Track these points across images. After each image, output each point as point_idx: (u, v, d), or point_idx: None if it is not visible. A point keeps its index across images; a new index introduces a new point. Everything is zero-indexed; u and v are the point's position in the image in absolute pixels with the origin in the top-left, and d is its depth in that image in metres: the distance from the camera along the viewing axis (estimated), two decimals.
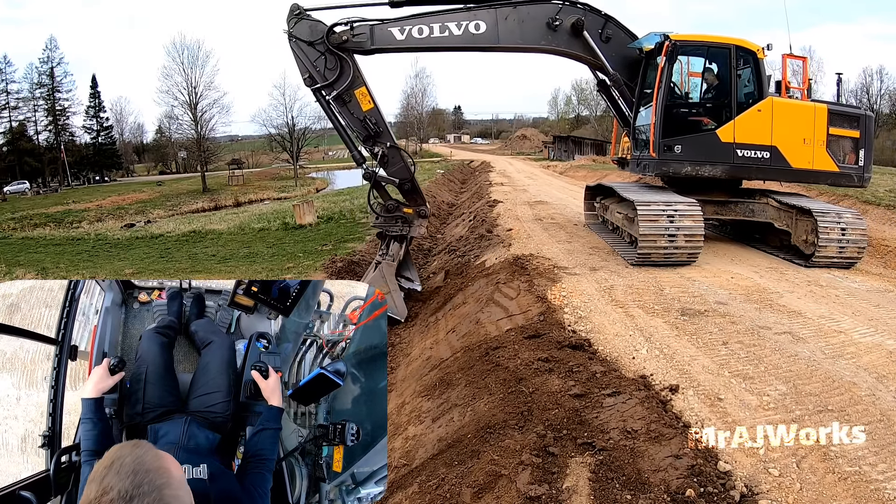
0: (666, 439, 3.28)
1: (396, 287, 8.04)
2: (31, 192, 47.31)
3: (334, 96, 7.85)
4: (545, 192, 18.69)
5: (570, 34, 8.35)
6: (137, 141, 73.86)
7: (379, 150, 7.99)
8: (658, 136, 8.00)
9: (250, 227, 16.82)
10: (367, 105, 7.90)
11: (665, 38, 7.96)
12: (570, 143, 56.82)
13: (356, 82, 7.84)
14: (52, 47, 54.10)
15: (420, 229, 8.45)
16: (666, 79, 7.95)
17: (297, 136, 55.35)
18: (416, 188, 8.35)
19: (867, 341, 4.80)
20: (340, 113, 7.97)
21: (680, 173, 8.20)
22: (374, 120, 7.92)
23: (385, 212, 8.29)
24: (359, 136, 8.09)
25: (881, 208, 12.53)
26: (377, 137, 7.99)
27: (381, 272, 8.03)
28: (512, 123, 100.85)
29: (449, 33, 7.99)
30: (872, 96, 52.47)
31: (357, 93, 7.86)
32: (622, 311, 5.67)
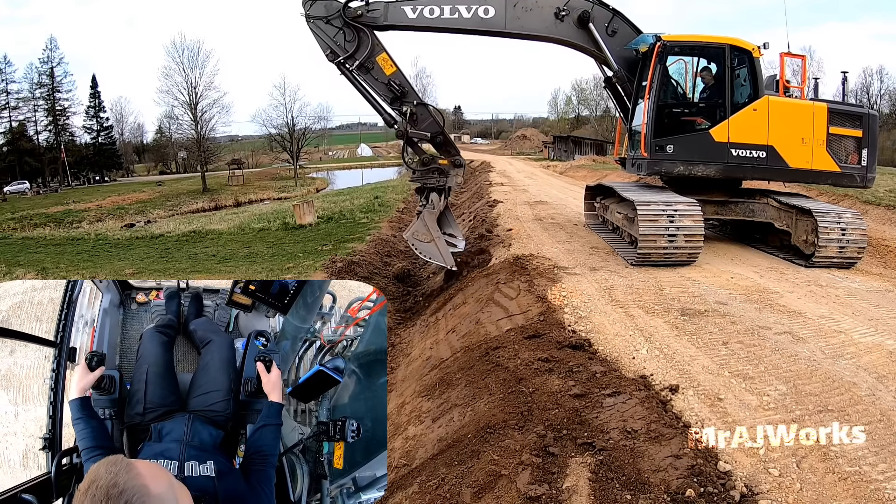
0: (666, 439, 3.28)
1: (440, 234, 8.24)
2: (31, 192, 47.29)
3: (357, 65, 8.16)
4: (545, 192, 18.68)
5: (576, 25, 8.45)
6: (137, 141, 73.90)
7: (407, 109, 8.28)
8: (650, 135, 8.02)
9: (250, 227, 16.81)
10: (389, 69, 8.24)
11: (657, 39, 7.98)
12: (570, 143, 56.80)
13: (376, 49, 8.19)
14: (52, 47, 54.14)
15: (457, 178, 8.78)
16: (658, 79, 7.97)
17: (297, 136, 55.34)
18: (448, 140, 8.68)
19: (867, 341, 4.80)
20: (365, 81, 8.26)
21: (672, 173, 8.23)
22: (399, 81, 8.28)
23: (421, 165, 8.64)
24: (386, 99, 8.37)
25: (881, 208, 12.52)
26: (403, 97, 8.32)
27: (423, 221, 8.23)
28: (512, 123, 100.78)
29: (459, 15, 8.24)
30: (872, 96, 52.49)
31: (379, 59, 8.21)
32: (622, 311, 5.67)
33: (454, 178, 8.64)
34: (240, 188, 50.18)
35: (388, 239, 13.04)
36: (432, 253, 8.18)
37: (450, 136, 8.75)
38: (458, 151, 8.76)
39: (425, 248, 8.21)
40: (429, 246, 8.17)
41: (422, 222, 8.26)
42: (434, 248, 8.12)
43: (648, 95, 7.99)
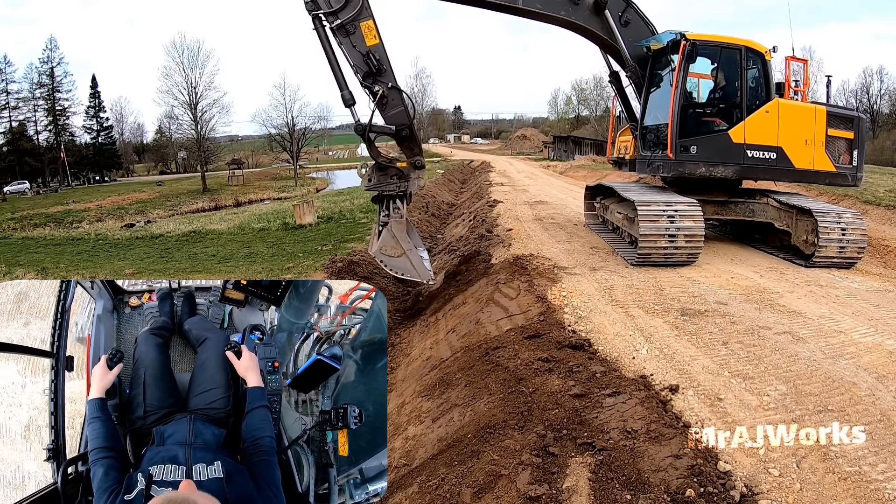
0: (666, 439, 3.28)
1: (411, 246, 7.37)
2: (31, 192, 47.31)
3: (338, 25, 7.14)
4: (545, 192, 18.69)
5: (591, 11, 8.24)
6: (137, 141, 73.97)
7: (379, 90, 7.22)
8: (675, 136, 7.98)
9: (250, 227, 16.81)
10: (371, 40, 7.22)
11: (681, 37, 7.90)
12: (570, 143, 56.82)
13: (363, 13, 7.19)
14: (52, 47, 54.19)
15: (418, 182, 7.74)
16: (683, 78, 7.93)
17: (297, 136, 55.37)
18: (413, 135, 7.59)
19: (867, 341, 4.80)
20: (341, 44, 7.24)
21: (695, 174, 8.17)
22: (378, 56, 7.21)
23: (378, 170, 7.52)
24: (358, 71, 7.30)
25: (881, 208, 12.52)
26: (378, 75, 7.24)
27: (391, 233, 7.35)
28: (512, 123, 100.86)
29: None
30: (872, 96, 52.51)
31: (363, 25, 7.20)
32: (622, 311, 5.67)
33: (415, 182, 7.62)
34: (240, 188, 50.20)
35: None
36: (405, 268, 7.28)
37: (416, 131, 7.65)
38: (422, 151, 7.78)
39: (396, 264, 7.29)
40: (399, 261, 7.28)
41: (389, 234, 7.33)
42: (406, 263, 7.25)
43: (674, 95, 7.93)
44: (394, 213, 7.49)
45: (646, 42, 8.47)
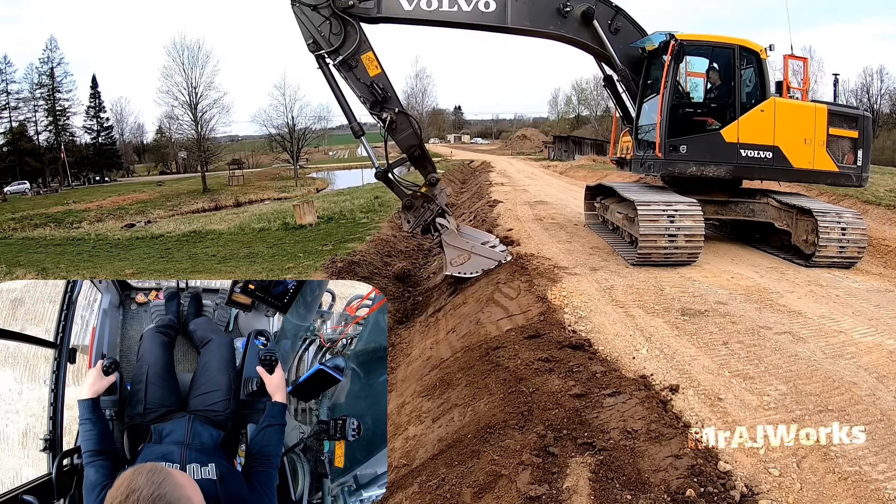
0: (666, 439, 3.28)
1: (473, 243, 7.93)
2: (32, 193, 47.35)
3: (340, 61, 7.54)
4: (545, 192, 18.68)
5: (579, 22, 8.28)
6: (137, 141, 74.04)
7: (387, 116, 7.65)
8: (664, 135, 7.98)
9: (250, 227, 16.81)
10: (374, 70, 7.60)
11: (670, 38, 7.92)
12: (571, 143, 56.85)
13: (363, 47, 7.57)
14: (52, 47, 54.31)
15: (444, 194, 8.21)
16: (671, 78, 7.93)
17: (297, 136, 55.37)
18: (424, 154, 8.03)
19: (867, 341, 4.80)
20: (346, 78, 7.65)
21: (685, 173, 8.17)
22: (382, 85, 7.61)
23: (406, 210, 8.02)
24: (365, 101, 7.75)
25: (881, 208, 12.53)
26: (385, 103, 7.68)
27: (450, 246, 7.84)
28: (512, 123, 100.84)
29: (458, 8, 7.84)
30: (872, 96, 52.47)
31: (364, 58, 7.59)
32: (622, 311, 5.67)
33: (441, 195, 8.05)
34: (240, 188, 50.20)
35: (388, 239, 13.03)
36: (480, 264, 7.80)
37: (427, 150, 8.12)
38: (434, 167, 8.17)
39: (471, 267, 7.80)
40: (471, 263, 7.80)
41: (449, 249, 7.83)
42: (477, 260, 7.76)
43: (663, 95, 7.93)
44: (443, 231, 7.93)
45: (640, 44, 8.49)
